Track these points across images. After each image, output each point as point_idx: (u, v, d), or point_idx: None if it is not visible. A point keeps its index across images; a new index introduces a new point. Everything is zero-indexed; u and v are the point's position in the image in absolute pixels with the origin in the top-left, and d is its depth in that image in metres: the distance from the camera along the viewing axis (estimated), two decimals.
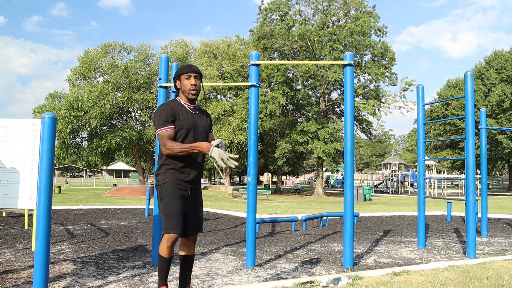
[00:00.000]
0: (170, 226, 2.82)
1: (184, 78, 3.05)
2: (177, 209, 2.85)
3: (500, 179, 64.84)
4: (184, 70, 3.05)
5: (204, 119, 3.13)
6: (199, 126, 3.05)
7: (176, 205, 2.85)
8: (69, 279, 3.95)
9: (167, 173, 2.92)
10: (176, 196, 2.87)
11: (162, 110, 2.93)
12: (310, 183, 62.99)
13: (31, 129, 3.33)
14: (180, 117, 2.95)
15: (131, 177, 66.24)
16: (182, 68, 3.08)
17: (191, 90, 3.03)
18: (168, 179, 2.90)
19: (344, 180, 4.75)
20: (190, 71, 3.04)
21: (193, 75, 3.04)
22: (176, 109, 2.98)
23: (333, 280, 3.72)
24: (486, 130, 7.63)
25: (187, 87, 3.03)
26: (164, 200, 2.87)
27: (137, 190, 24.94)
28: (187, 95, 3.05)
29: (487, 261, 4.72)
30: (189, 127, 2.96)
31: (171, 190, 2.88)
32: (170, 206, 2.84)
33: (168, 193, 2.87)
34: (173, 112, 2.94)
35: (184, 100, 3.07)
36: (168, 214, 2.84)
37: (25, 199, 3.28)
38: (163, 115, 2.90)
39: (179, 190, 2.90)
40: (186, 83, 3.04)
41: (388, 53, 29.19)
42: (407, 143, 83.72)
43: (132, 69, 31.17)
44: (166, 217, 2.84)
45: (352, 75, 4.82)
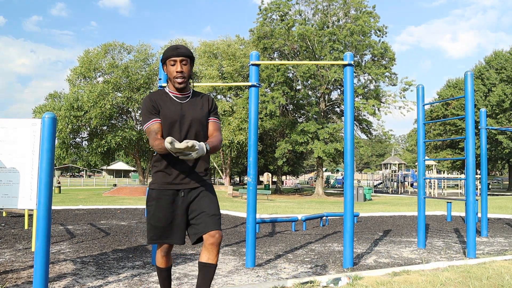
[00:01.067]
0: (154, 237, 2.57)
1: (169, 64, 2.59)
2: (163, 220, 2.54)
3: (500, 179, 64.83)
4: (168, 53, 2.57)
5: (197, 107, 2.65)
6: (187, 116, 2.58)
7: (162, 216, 2.54)
8: (69, 279, 3.95)
9: (154, 176, 2.62)
10: (162, 206, 2.55)
11: (144, 103, 2.59)
12: (310, 183, 62.99)
13: (31, 129, 3.33)
14: (162, 108, 2.56)
15: (131, 177, 66.23)
16: (167, 51, 2.60)
17: (176, 78, 2.57)
18: (154, 184, 2.59)
19: (344, 180, 4.75)
20: (175, 55, 2.55)
21: (178, 60, 2.55)
22: (158, 99, 2.59)
23: (333, 280, 3.72)
24: (486, 130, 7.63)
25: (172, 75, 2.59)
26: (150, 208, 2.58)
27: (137, 190, 24.94)
28: (173, 83, 2.61)
29: (487, 261, 4.72)
30: (173, 120, 2.55)
31: (157, 198, 2.56)
32: (155, 216, 2.55)
33: (153, 201, 2.57)
34: (154, 104, 2.56)
35: (171, 88, 2.65)
36: (152, 224, 2.57)
37: (25, 199, 3.28)
38: (145, 109, 2.56)
39: (166, 197, 2.56)
40: (171, 69, 2.59)
41: (388, 53, 29.19)
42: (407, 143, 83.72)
43: (132, 69, 31.19)
44: (150, 226, 2.58)
45: (352, 75, 4.82)
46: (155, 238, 2.58)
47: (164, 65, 2.63)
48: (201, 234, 2.51)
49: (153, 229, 2.57)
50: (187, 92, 2.69)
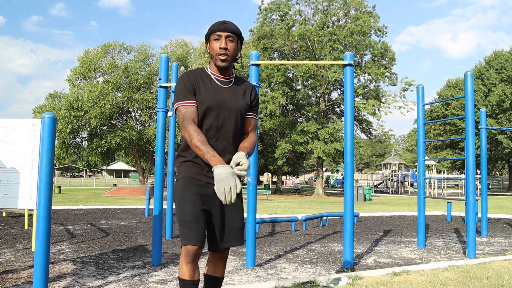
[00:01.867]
0: (184, 236, 2.12)
1: (213, 39, 2.27)
2: (190, 212, 2.13)
3: (500, 179, 64.83)
4: (214, 28, 2.27)
5: (239, 95, 2.32)
6: (228, 104, 2.25)
7: (190, 207, 2.14)
8: (69, 279, 3.95)
9: (181, 167, 2.26)
10: (190, 194, 2.16)
11: (179, 80, 2.26)
12: (310, 183, 62.97)
13: (31, 129, 3.33)
14: (200, 89, 2.23)
15: (131, 177, 66.23)
16: (212, 25, 2.30)
17: (220, 56, 2.24)
18: (182, 174, 2.24)
19: (344, 180, 4.75)
20: (221, 29, 2.25)
21: (224, 36, 2.24)
22: (198, 79, 2.26)
23: (333, 280, 3.72)
24: (486, 130, 7.63)
25: (214, 51, 2.26)
26: (176, 201, 2.21)
27: (137, 190, 24.94)
28: (215, 62, 2.27)
29: (487, 261, 4.72)
30: (210, 105, 2.21)
31: (183, 187, 2.19)
32: (182, 209, 2.15)
33: (182, 193, 2.19)
34: (193, 83, 2.24)
35: (213, 69, 2.32)
36: (182, 220, 2.14)
37: (25, 199, 3.28)
38: (181, 86, 2.23)
39: (196, 186, 2.19)
40: (214, 45, 2.26)
41: (388, 53, 29.19)
42: (407, 143, 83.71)
43: (132, 69, 31.18)
44: (180, 224, 2.15)
45: (352, 75, 4.83)
46: (184, 237, 2.12)
47: (208, 42, 2.32)
48: (223, 247, 2.25)
49: (183, 226, 2.14)
50: (230, 76, 2.35)
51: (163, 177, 5.04)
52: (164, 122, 5.05)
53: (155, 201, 4.91)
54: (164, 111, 5.03)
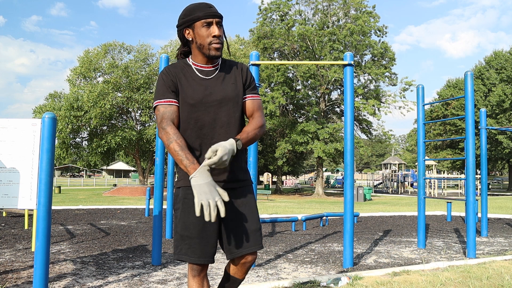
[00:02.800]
0: (183, 251, 1.95)
1: (201, 26, 1.98)
2: (191, 227, 1.95)
3: (500, 179, 64.84)
4: (200, 12, 1.98)
5: (228, 82, 2.07)
6: (217, 96, 2.02)
7: (190, 221, 1.95)
8: (69, 279, 3.95)
9: (180, 171, 2.03)
10: (189, 208, 1.97)
11: (159, 77, 2.04)
12: (310, 183, 62.96)
13: (31, 129, 3.33)
14: (183, 85, 2.01)
15: (131, 177, 66.22)
16: (195, 8, 1.99)
17: (214, 44, 1.99)
18: (180, 181, 2.03)
19: (344, 180, 4.75)
20: (210, 15, 1.97)
21: (215, 21, 1.99)
22: (179, 74, 2.03)
23: (333, 280, 3.72)
24: (486, 130, 7.63)
25: (206, 40, 1.99)
26: (177, 212, 2.02)
27: (137, 190, 24.94)
28: (207, 52, 2.01)
29: (487, 261, 4.72)
30: (197, 101, 1.99)
31: (183, 199, 2.00)
32: (183, 223, 1.97)
33: (179, 203, 2.01)
34: (173, 79, 2.01)
35: (198, 60, 2.06)
36: (180, 234, 1.98)
37: (25, 199, 3.28)
38: (161, 84, 2.01)
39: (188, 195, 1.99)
40: (204, 33, 1.98)
41: (388, 53, 29.20)
42: (407, 143, 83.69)
43: (132, 69, 31.18)
44: (178, 236, 1.98)
45: (352, 75, 4.83)
46: (182, 253, 1.95)
47: (189, 29, 2.03)
48: (241, 254, 1.99)
49: (180, 240, 1.97)
50: (216, 63, 2.10)
51: (163, 177, 5.04)
52: None
53: (155, 201, 4.92)
54: None
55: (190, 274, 2.01)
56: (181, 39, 2.08)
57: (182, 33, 2.05)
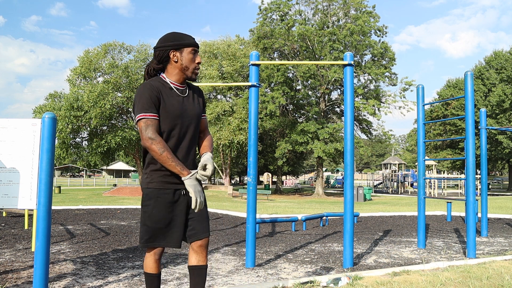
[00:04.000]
0: (151, 239, 2.34)
1: (189, 52, 2.36)
2: (161, 221, 2.32)
3: (500, 179, 64.85)
4: (191, 41, 2.37)
5: (195, 102, 2.45)
6: (188, 112, 2.38)
7: (160, 217, 2.32)
8: (69, 279, 3.95)
9: (151, 175, 2.34)
10: (161, 206, 2.33)
11: (143, 92, 2.26)
12: (310, 183, 62.97)
13: (31, 129, 3.33)
14: (165, 102, 2.29)
15: (131, 177, 66.24)
16: (184, 36, 2.37)
17: (196, 70, 2.40)
18: (153, 182, 2.34)
19: (344, 180, 4.75)
20: (197, 45, 2.38)
21: (198, 51, 2.43)
22: (161, 90, 2.31)
23: (333, 280, 3.72)
24: (486, 130, 7.63)
25: (191, 65, 2.37)
26: (147, 208, 2.34)
27: (137, 190, 24.94)
28: (189, 74, 2.39)
29: (487, 261, 4.72)
30: (176, 116, 2.32)
31: (155, 198, 2.33)
32: (153, 217, 2.32)
33: (151, 201, 2.33)
34: (158, 95, 2.28)
35: (174, 79, 2.38)
36: (149, 226, 2.33)
37: (25, 199, 3.28)
38: (145, 98, 2.25)
39: (167, 196, 2.34)
40: (190, 59, 2.36)
41: (388, 53, 29.20)
42: (407, 143, 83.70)
43: (132, 69, 31.19)
44: (146, 228, 2.33)
45: (352, 75, 4.83)
46: (151, 241, 2.33)
47: (176, 52, 2.35)
48: (199, 238, 2.40)
49: (150, 231, 2.33)
50: (185, 84, 2.46)
51: None
52: None
53: None
54: None
55: (153, 258, 2.40)
56: (161, 58, 2.37)
57: (166, 53, 2.36)
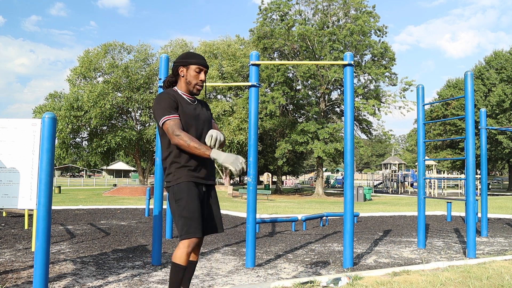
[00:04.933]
0: (191, 230, 2.49)
1: (194, 70, 2.70)
2: (197, 210, 2.53)
3: (500, 179, 64.85)
4: (197, 60, 2.71)
5: (204, 110, 2.81)
6: (201, 116, 2.72)
7: (195, 206, 2.53)
8: (69, 279, 3.95)
9: (177, 172, 2.58)
10: (193, 196, 2.55)
11: (163, 98, 2.59)
12: (310, 183, 62.96)
13: (31, 129, 3.33)
14: (182, 107, 2.63)
15: (131, 177, 66.24)
16: (193, 56, 2.72)
17: (198, 86, 2.72)
18: (182, 178, 2.57)
19: (344, 180, 4.75)
20: (203, 65, 2.71)
21: (204, 70, 2.74)
22: (177, 98, 2.65)
23: (333, 280, 3.72)
24: (486, 130, 7.63)
25: (193, 81, 2.71)
26: (181, 201, 2.53)
27: (137, 190, 24.94)
28: (191, 89, 2.73)
29: (487, 261, 4.72)
30: (191, 119, 2.64)
31: (187, 189, 2.55)
32: (189, 208, 2.51)
33: (184, 194, 2.54)
34: (175, 100, 2.61)
35: (184, 90, 2.74)
36: (187, 217, 2.50)
37: (25, 199, 3.28)
38: (166, 103, 2.57)
39: (195, 188, 2.58)
40: (194, 75, 2.70)
41: (388, 53, 29.18)
42: (407, 143, 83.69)
43: (132, 69, 31.18)
44: (185, 220, 2.49)
45: (352, 75, 4.82)
46: (191, 231, 2.48)
47: (184, 68, 2.71)
48: (212, 233, 2.74)
49: (188, 221, 2.50)
50: (193, 97, 2.82)
51: (163, 177, 5.04)
52: None
53: (155, 201, 4.92)
54: None
55: (186, 250, 2.50)
56: (173, 72, 2.76)
57: (176, 68, 2.73)
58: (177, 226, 2.53)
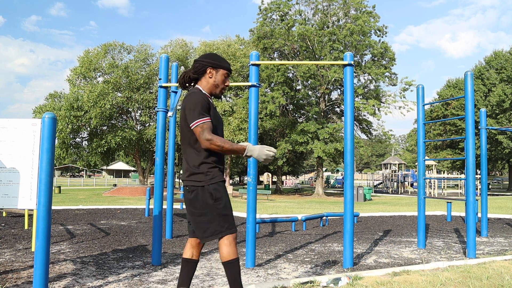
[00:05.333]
0: (232, 226, 2.65)
1: (223, 74, 2.77)
2: (231, 208, 2.71)
3: (500, 179, 64.85)
4: (228, 66, 2.79)
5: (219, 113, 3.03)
6: (220, 118, 2.80)
7: (230, 204, 2.71)
8: (69, 279, 3.95)
9: (213, 171, 2.65)
10: (227, 195, 2.71)
11: (200, 99, 2.60)
12: (310, 183, 62.94)
13: (31, 129, 3.33)
14: (212, 110, 2.67)
15: (131, 177, 66.22)
16: (224, 60, 2.79)
17: (223, 90, 2.81)
18: (217, 178, 2.66)
19: (344, 180, 4.75)
20: (231, 71, 2.82)
21: (229, 76, 2.84)
22: (209, 101, 2.69)
23: (333, 280, 3.71)
24: (486, 130, 7.63)
25: (220, 85, 2.77)
26: (221, 200, 2.63)
27: (137, 190, 24.94)
28: (217, 92, 2.78)
29: (487, 261, 4.72)
30: (217, 121, 2.72)
31: (223, 189, 2.68)
32: (227, 206, 2.66)
33: (222, 193, 2.65)
34: (210, 103, 2.66)
35: (207, 91, 2.76)
36: (227, 214, 2.65)
37: (25, 199, 3.28)
38: (202, 105, 2.58)
39: (225, 187, 2.74)
40: (222, 80, 2.77)
41: (388, 53, 29.17)
42: (407, 143, 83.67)
43: (132, 69, 31.16)
44: (225, 217, 2.63)
45: (352, 75, 4.82)
46: (232, 227, 2.63)
47: (214, 70, 2.74)
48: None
49: (229, 219, 2.64)
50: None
51: (163, 177, 5.04)
52: (164, 122, 5.05)
53: (155, 201, 4.91)
54: (164, 111, 5.03)
55: (233, 244, 2.63)
56: (198, 70, 2.74)
57: (205, 68, 2.73)
58: (212, 224, 2.59)
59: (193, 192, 2.61)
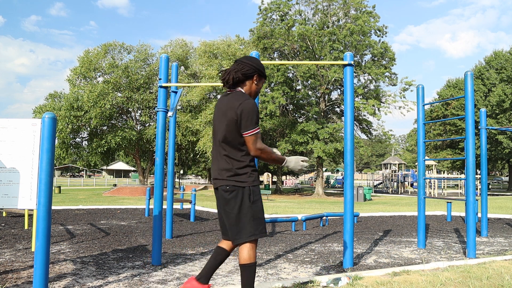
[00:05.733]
0: (264, 230, 2.74)
1: (261, 81, 2.84)
2: (264, 212, 2.79)
3: (500, 179, 64.87)
4: (266, 73, 2.88)
5: None
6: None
7: (263, 209, 2.79)
8: (69, 279, 3.95)
9: (254, 175, 2.76)
10: (261, 199, 2.80)
11: (256, 109, 2.66)
12: (310, 183, 62.93)
13: (31, 129, 3.33)
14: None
15: (131, 177, 66.22)
16: (264, 69, 2.86)
17: (257, 95, 2.89)
18: (256, 181, 2.77)
19: (344, 180, 4.75)
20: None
21: None
22: None
23: (333, 280, 3.72)
24: (486, 130, 7.63)
25: (258, 92, 2.86)
26: (257, 203, 2.73)
27: (137, 190, 24.95)
28: (253, 96, 2.83)
29: (487, 261, 4.72)
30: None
31: (260, 192, 2.79)
32: (262, 210, 2.75)
33: (258, 196, 2.75)
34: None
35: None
36: (262, 218, 2.74)
37: (25, 199, 3.28)
38: (257, 115, 2.67)
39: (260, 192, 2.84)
40: (260, 88, 2.86)
41: (388, 53, 29.17)
42: (407, 143, 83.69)
43: (132, 69, 31.17)
44: (259, 220, 2.72)
45: (352, 75, 4.82)
46: (264, 230, 2.73)
47: (258, 77, 2.79)
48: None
49: (262, 222, 2.73)
50: None
51: (163, 177, 5.04)
52: (164, 122, 5.05)
53: (155, 201, 4.91)
54: (164, 111, 5.03)
55: (254, 247, 2.73)
56: (247, 74, 2.73)
57: (253, 73, 2.75)
58: (245, 226, 2.65)
59: (232, 192, 2.67)
